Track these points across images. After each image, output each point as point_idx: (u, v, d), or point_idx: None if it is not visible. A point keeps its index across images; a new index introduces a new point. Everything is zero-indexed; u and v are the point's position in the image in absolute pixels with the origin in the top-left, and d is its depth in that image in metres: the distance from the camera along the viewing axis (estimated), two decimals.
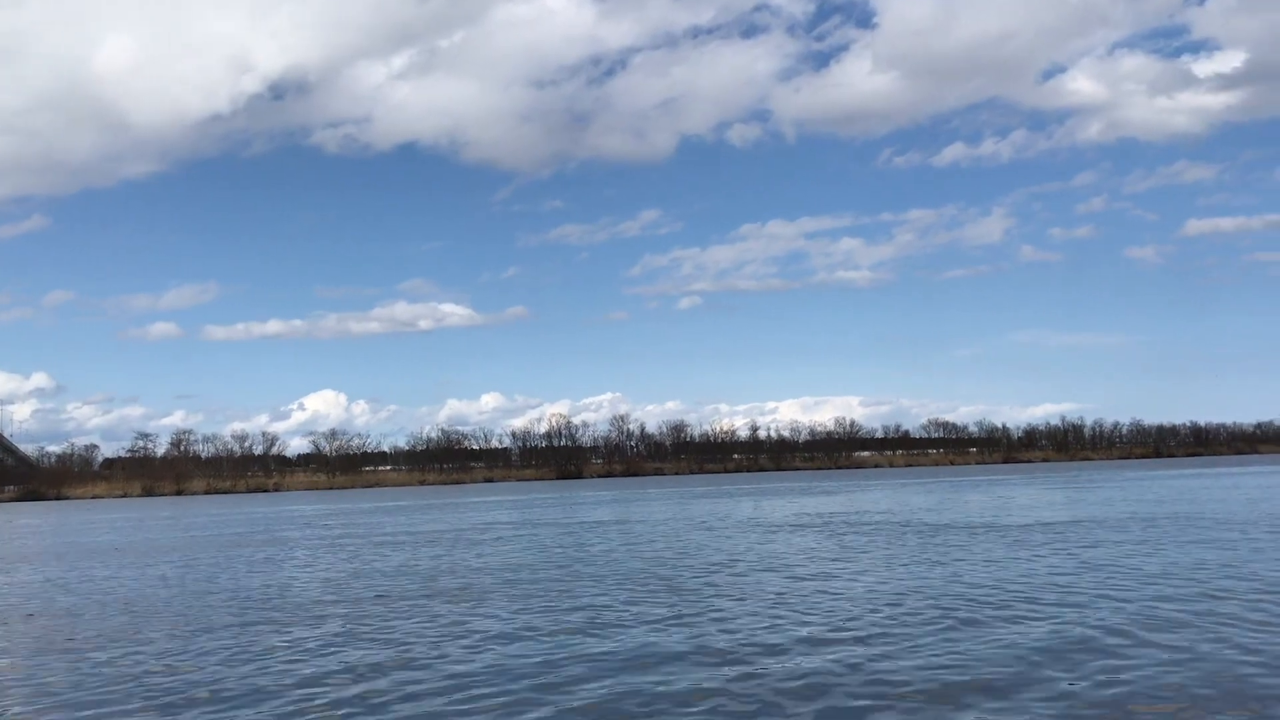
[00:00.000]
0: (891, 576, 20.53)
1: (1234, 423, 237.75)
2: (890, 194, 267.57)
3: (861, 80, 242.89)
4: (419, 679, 12.25)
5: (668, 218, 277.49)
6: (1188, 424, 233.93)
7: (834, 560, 24.14)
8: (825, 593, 18.50)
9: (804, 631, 14.55)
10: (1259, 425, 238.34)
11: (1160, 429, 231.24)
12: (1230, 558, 21.73)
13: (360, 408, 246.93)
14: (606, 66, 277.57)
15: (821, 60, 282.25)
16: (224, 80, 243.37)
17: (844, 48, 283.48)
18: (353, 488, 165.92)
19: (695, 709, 10.49)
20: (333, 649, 14.44)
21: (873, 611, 16.11)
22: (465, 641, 14.70)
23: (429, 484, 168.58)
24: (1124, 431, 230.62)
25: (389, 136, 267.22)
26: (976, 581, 19.20)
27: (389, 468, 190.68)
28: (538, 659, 13.22)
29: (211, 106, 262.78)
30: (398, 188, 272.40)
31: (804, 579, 20.62)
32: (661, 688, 11.44)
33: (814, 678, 11.60)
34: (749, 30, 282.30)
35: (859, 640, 13.70)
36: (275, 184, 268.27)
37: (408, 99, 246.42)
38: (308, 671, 12.94)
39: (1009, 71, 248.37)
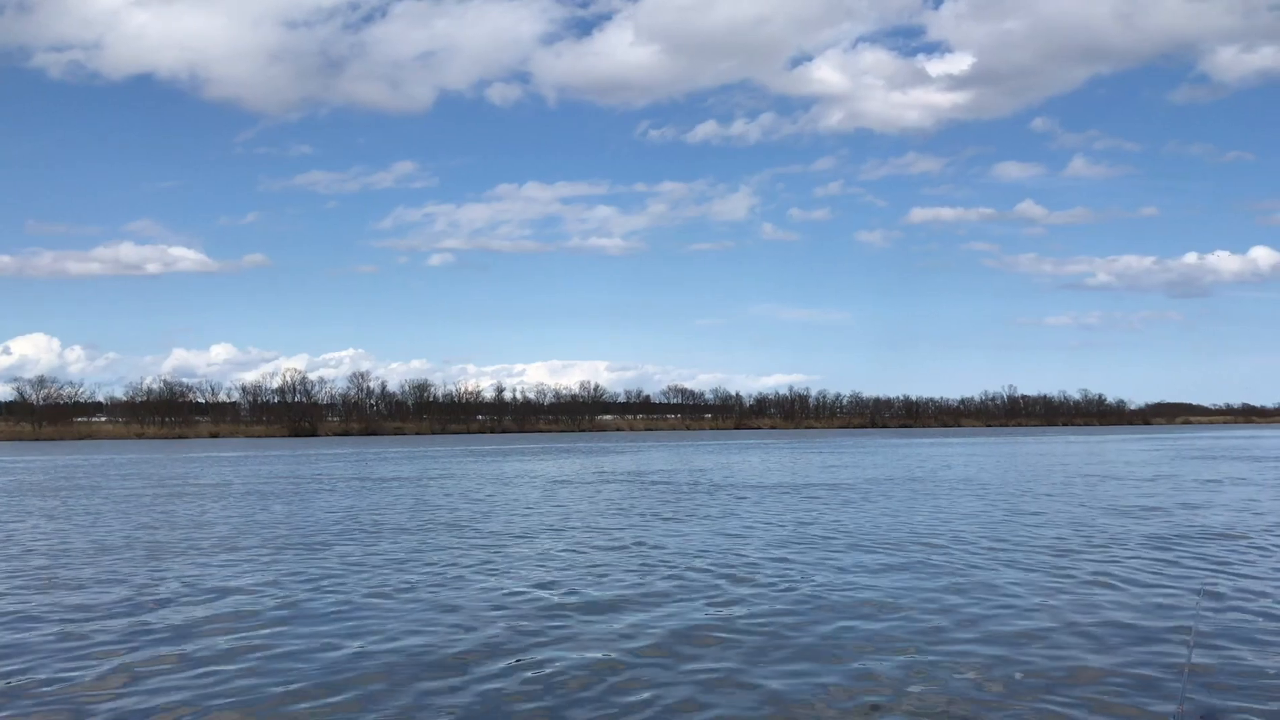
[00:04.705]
0: (611, 530, 21.54)
1: (941, 397, 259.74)
2: (645, 165, 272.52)
3: (623, 51, 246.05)
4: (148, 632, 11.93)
5: (422, 172, 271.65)
6: (901, 397, 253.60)
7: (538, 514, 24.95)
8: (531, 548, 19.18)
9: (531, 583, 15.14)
10: (962, 400, 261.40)
11: (876, 401, 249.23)
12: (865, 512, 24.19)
13: (75, 354, 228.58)
14: (365, 12, 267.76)
15: (585, 28, 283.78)
16: None
17: (607, 17, 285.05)
18: (61, 439, 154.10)
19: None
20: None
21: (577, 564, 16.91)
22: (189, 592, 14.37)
23: (148, 437, 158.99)
24: (844, 403, 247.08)
25: (122, 66, 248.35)
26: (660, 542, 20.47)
27: (104, 419, 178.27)
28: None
29: None
30: (128, 121, 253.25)
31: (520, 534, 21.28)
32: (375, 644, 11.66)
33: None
34: None
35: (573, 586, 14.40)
36: None
37: (145, 27, 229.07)
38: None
39: (761, 56, 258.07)
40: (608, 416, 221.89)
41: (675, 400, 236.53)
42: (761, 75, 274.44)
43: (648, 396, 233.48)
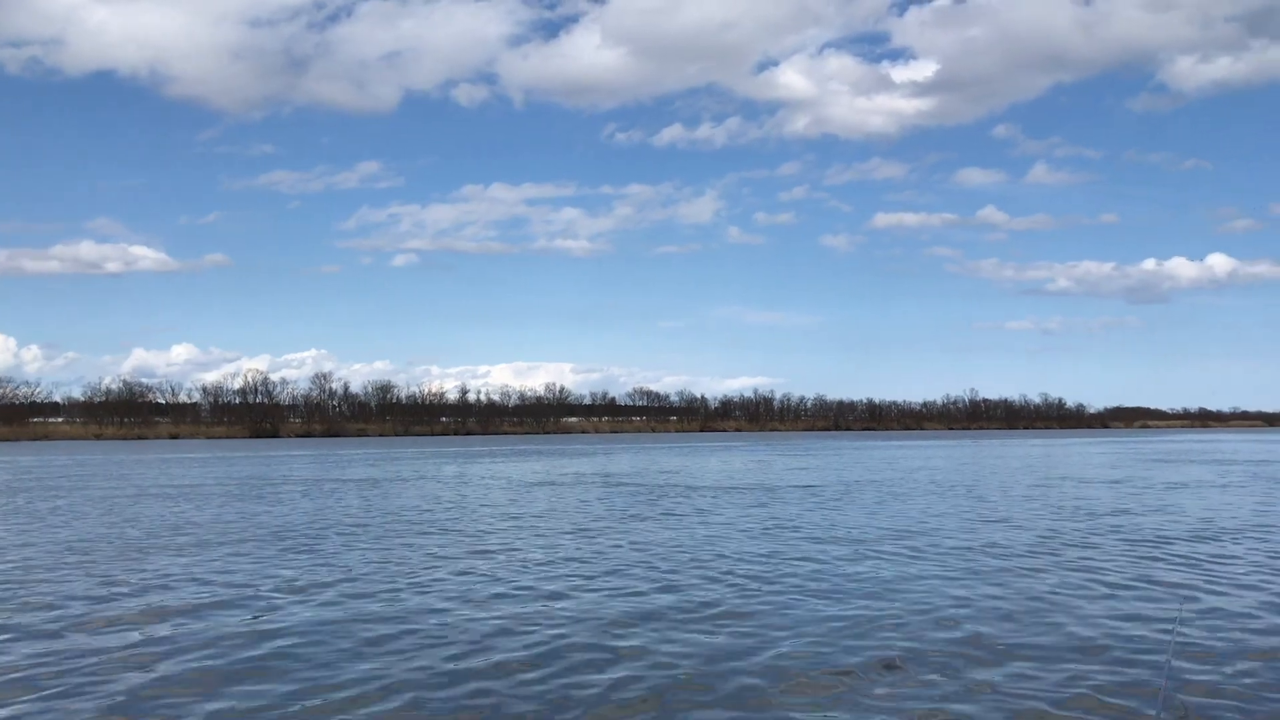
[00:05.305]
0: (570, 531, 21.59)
1: (904, 400, 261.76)
2: (612, 168, 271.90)
3: (590, 54, 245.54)
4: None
5: (387, 172, 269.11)
6: (864, 400, 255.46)
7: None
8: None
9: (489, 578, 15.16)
10: (925, 404, 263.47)
11: (840, 404, 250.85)
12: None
13: (31, 353, 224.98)
14: (330, 11, 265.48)
15: (552, 30, 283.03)
16: None
17: (574, 19, 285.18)
18: (16, 440, 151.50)
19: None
20: None
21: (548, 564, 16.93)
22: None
23: (106, 438, 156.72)
24: (808, 405, 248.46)
25: (82, 62, 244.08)
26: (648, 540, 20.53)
27: (61, 420, 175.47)
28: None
29: None
30: (88, 118, 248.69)
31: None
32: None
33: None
34: None
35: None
36: None
37: (106, 23, 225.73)
38: None
39: (728, 60, 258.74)
40: (573, 419, 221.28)
41: (640, 402, 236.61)
42: (728, 79, 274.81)
43: (613, 399, 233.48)
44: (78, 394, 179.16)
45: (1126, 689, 9.58)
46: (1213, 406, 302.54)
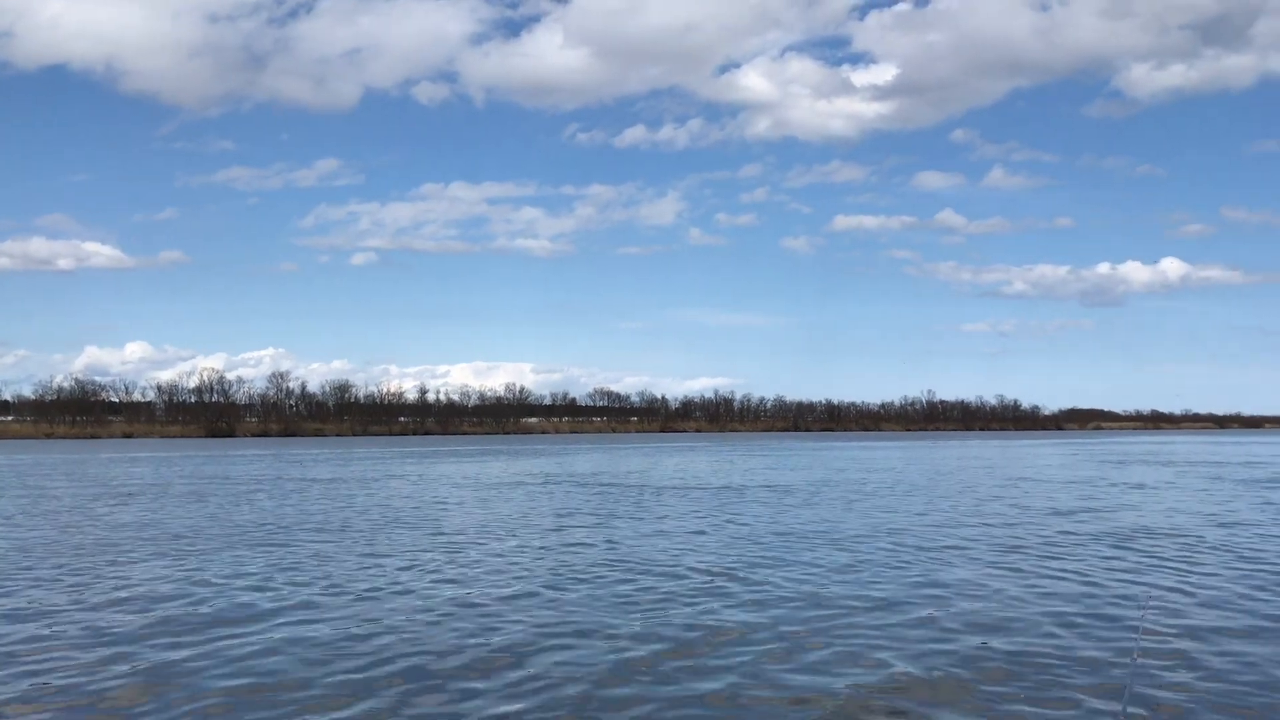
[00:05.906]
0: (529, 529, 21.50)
1: (862, 402, 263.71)
2: (573, 168, 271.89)
3: (552, 53, 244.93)
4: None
5: (347, 169, 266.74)
6: (823, 401, 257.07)
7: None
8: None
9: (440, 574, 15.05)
10: (883, 405, 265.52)
11: (799, 405, 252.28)
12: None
13: None
14: (290, 7, 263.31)
15: (514, 29, 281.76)
16: None
17: (536, 19, 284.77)
18: None
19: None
20: None
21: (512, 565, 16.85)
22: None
23: (58, 437, 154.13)
24: (768, 406, 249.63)
25: (34, 56, 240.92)
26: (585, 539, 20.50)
27: (11, 419, 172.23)
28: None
29: None
30: (41, 113, 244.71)
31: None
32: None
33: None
34: None
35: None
36: None
37: (60, 17, 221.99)
38: None
39: (690, 62, 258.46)
40: (533, 419, 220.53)
41: (601, 403, 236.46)
42: (690, 81, 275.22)
43: (573, 399, 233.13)
44: (28, 392, 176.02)
45: (1097, 666, 10.04)
46: (1164, 408, 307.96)
